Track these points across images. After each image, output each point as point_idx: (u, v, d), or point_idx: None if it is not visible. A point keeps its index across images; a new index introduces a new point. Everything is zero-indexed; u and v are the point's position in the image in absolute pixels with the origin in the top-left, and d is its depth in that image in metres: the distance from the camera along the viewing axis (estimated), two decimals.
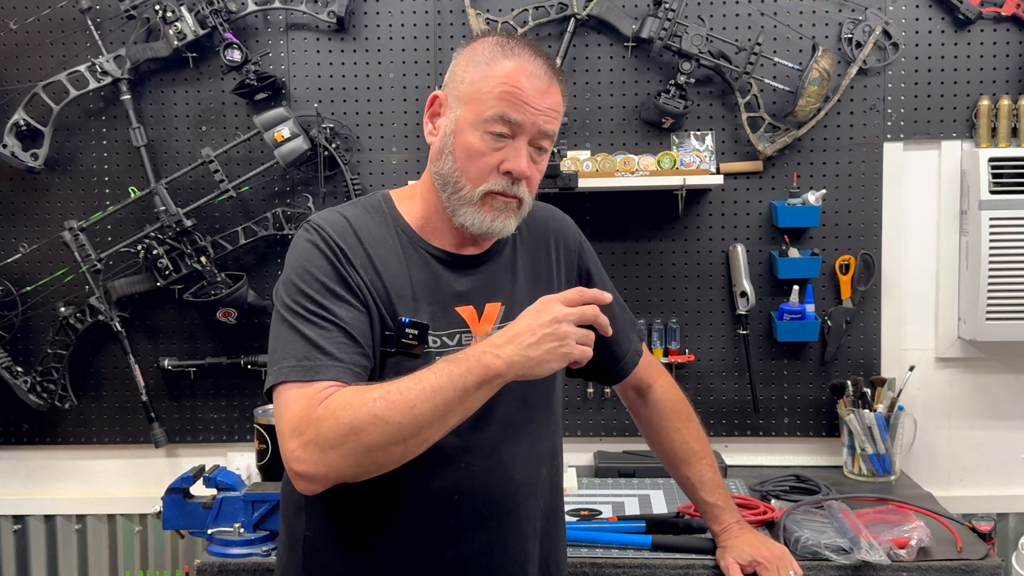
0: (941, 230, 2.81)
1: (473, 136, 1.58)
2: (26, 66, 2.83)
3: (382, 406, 1.42)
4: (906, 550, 2.05)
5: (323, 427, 1.43)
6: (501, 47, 1.61)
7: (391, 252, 1.62)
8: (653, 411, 2.01)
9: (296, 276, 1.57)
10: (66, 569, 3.00)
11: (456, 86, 1.62)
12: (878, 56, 2.74)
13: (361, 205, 1.68)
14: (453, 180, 1.60)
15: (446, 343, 1.62)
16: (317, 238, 1.59)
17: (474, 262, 1.68)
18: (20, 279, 2.84)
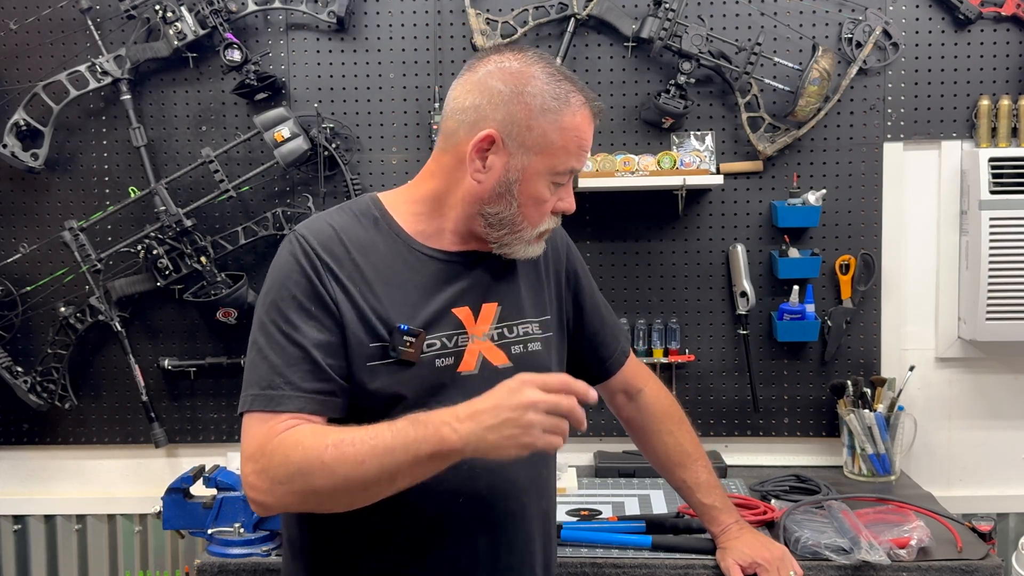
0: (941, 230, 2.81)
1: (541, 185, 1.60)
2: (26, 66, 2.83)
3: (332, 455, 1.42)
4: (906, 550, 2.05)
5: (274, 461, 1.46)
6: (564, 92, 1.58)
7: (382, 257, 1.60)
8: (645, 415, 2.01)
9: (273, 291, 1.57)
10: (66, 569, 3.00)
11: (521, 133, 1.57)
12: (878, 56, 2.74)
13: (349, 210, 1.66)
14: (512, 222, 1.61)
15: (445, 344, 1.61)
16: (299, 251, 1.57)
17: (469, 260, 1.66)
18: (20, 279, 2.84)
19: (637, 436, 2.04)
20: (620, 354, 1.97)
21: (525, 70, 1.58)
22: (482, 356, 1.63)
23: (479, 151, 1.58)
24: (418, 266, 1.62)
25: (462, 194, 1.61)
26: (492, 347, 1.65)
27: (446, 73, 2.80)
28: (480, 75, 1.61)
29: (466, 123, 1.59)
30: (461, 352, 1.62)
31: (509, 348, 1.67)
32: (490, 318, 1.66)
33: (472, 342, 1.63)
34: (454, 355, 1.61)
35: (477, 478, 1.60)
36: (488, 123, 1.57)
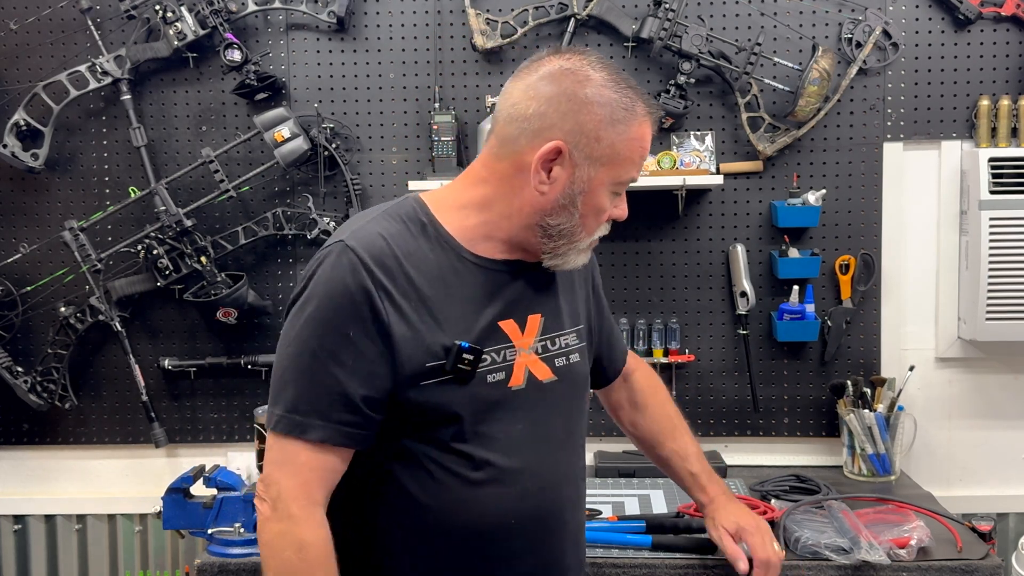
0: (941, 230, 2.81)
1: (604, 196, 1.56)
2: (26, 66, 2.83)
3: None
4: (906, 550, 2.05)
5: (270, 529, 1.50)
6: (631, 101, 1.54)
7: (433, 267, 1.53)
8: (637, 391, 2.02)
9: (314, 306, 1.49)
10: (66, 569, 3.00)
11: (588, 144, 1.51)
12: (878, 56, 2.74)
13: (396, 216, 1.57)
14: (570, 234, 1.57)
15: (495, 360, 1.56)
16: (349, 268, 1.48)
17: (514, 270, 1.61)
18: (20, 279, 2.84)
19: (626, 414, 2.03)
20: (622, 355, 1.99)
21: (591, 76, 1.52)
22: (528, 370, 1.60)
23: (545, 162, 1.52)
24: (467, 276, 1.56)
25: (520, 204, 1.55)
26: (537, 360, 1.61)
27: (446, 73, 2.80)
28: (542, 79, 1.53)
29: (529, 131, 1.52)
30: (511, 366, 1.57)
31: (553, 361, 1.64)
32: (535, 330, 1.62)
33: (519, 356, 1.59)
34: (504, 370, 1.56)
35: (529, 498, 1.58)
36: (554, 133, 1.51)
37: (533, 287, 1.63)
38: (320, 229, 2.75)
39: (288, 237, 2.83)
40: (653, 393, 2.03)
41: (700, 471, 1.99)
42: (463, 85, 2.80)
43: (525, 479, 1.57)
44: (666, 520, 2.23)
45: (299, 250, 2.85)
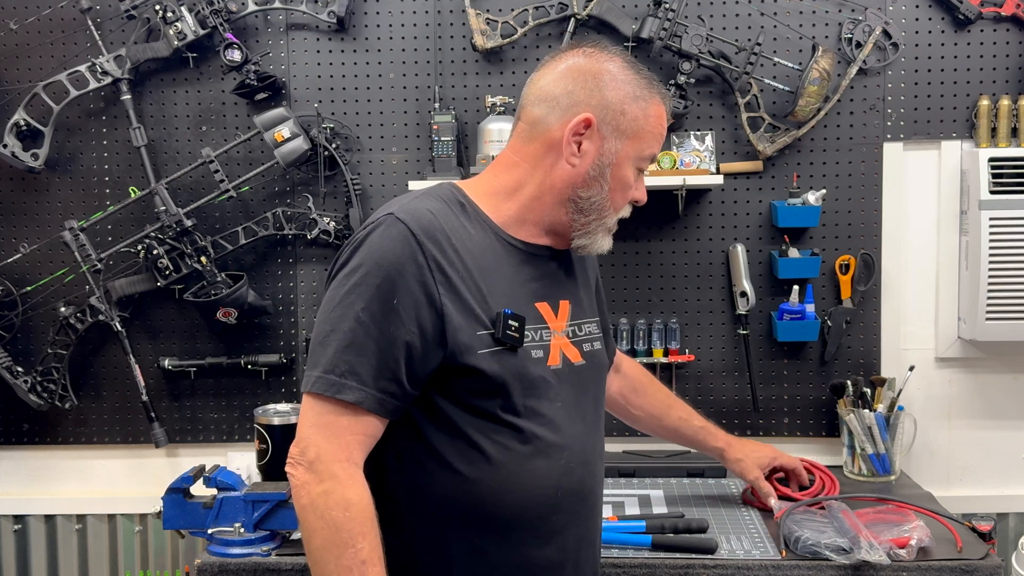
0: (941, 230, 2.81)
1: (629, 170, 1.64)
2: (26, 66, 2.83)
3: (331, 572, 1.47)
4: (906, 550, 2.05)
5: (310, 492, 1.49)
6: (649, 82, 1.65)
7: (476, 244, 1.58)
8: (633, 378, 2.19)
9: (361, 274, 1.51)
10: (66, 569, 3.01)
11: (616, 118, 1.61)
12: (878, 56, 2.75)
13: (437, 197, 1.62)
14: (600, 207, 1.63)
15: (532, 338, 1.60)
16: (400, 238, 1.51)
17: (546, 254, 1.68)
18: (20, 279, 2.85)
19: (626, 399, 2.17)
20: (613, 346, 2.05)
21: (613, 58, 1.64)
22: (562, 352, 1.65)
23: (575, 134, 1.60)
24: (505, 256, 1.62)
25: (552, 181, 1.62)
26: (568, 344, 1.67)
27: (446, 73, 2.81)
28: (567, 65, 1.63)
29: (558, 109, 1.60)
30: (548, 346, 1.62)
31: (581, 346, 1.70)
32: (566, 315, 1.68)
33: (554, 337, 1.64)
34: (542, 348, 1.62)
35: (571, 473, 1.63)
36: (583, 108, 1.59)
37: (563, 274, 1.71)
38: (320, 229, 2.76)
39: (288, 237, 2.84)
40: (647, 378, 2.22)
41: (706, 423, 2.24)
42: (463, 85, 2.81)
43: (567, 455, 1.62)
44: (666, 520, 2.24)
45: (299, 250, 2.86)
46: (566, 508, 1.63)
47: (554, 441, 1.60)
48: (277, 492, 2.23)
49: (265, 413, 2.50)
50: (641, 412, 2.16)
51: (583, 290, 1.77)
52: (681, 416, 2.20)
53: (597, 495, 1.73)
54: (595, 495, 1.72)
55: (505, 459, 1.56)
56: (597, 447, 1.73)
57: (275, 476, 2.43)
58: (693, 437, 2.20)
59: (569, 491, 1.62)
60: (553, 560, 1.63)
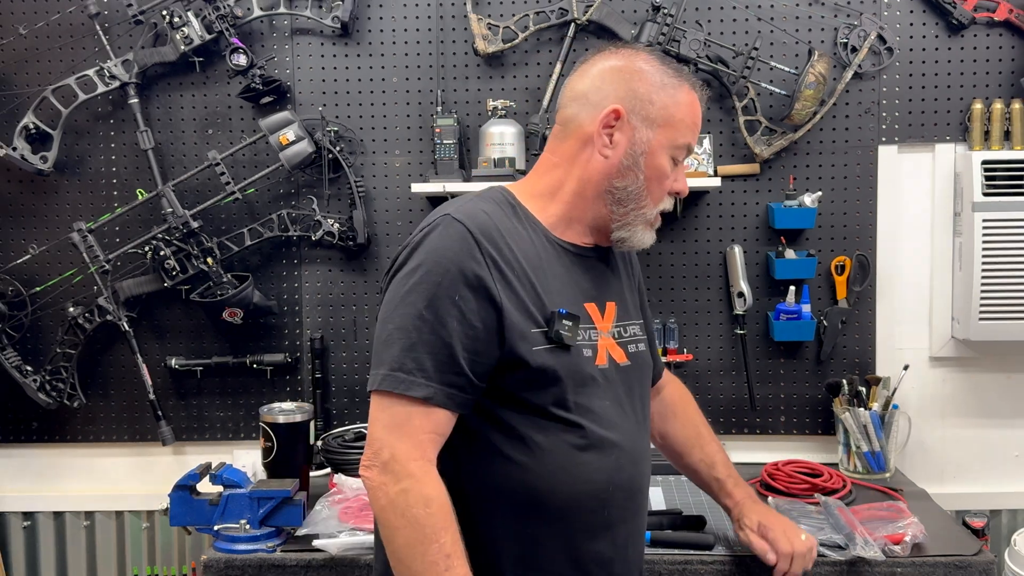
0: (935, 231, 2.84)
1: (663, 159, 1.65)
2: (35, 70, 2.86)
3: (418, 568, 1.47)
4: (900, 546, 2.08)
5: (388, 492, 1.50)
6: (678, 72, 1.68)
7: (529, 245, 1.62)
8: (668, 403, 2.08)
9: (423, 272, 1.54)
10: (74, 565, 3.03)
11: (644, 107, 1.64)
12: (873, 60, 2.78)
13: (489, 199, 1.66)
14: (637, 197, 1.65)
15: (583, 337, 1.63)
16: (458, 237, 1.55)
17: (592, 255, 1.71)
18: (30, 280, 2.87)
19: (658, 425, 2.08)
20: (660, 366, 2.04)
21: (640, 54, 1.68)
22: (609, 352, 1.67)
23: (606, 126, 1.64)
24: (556, 257, 1.65)
25: (588, 175, 1.66)
26: (615, 344, 1.69)
27: (448, 77, 2.84)
28: (598, 66, 1.68)
29: (588, 106, 1.65)
30: (595, 346, 1.65)
31: (626, 347, 1.72)
32: (612, 316, 1.71)
33: (601, 338, 1.67)
34: (591, 348, 1.64)
35: (622, 469, 1.64)
36: (611, 100, 1.64)
37: (608, 277, 1.74)
38: (324, 231, 2.79)
39: (293, 238, 2.86)
40: (683, 406, 2.10)
41: (726, 477, 2.05)
42: (465, 89, 2.84)
43: (618, 451, 1.64)
44: (664, 517, 2.26)
45: (304, 251, 2.89)
46: (617, 503, 1.64)
47: (605, 437, 1.61)
48: (282, 489, 2.24)
49: (270, 412, 2.53)
50: (664, 441, 2.11)
51: (628, 293, 1.80)
52: (702, 460, 2.05)
53: (645, 493, 1.74)
54: (643, 493, 1.73)
55: (557, 450, 1.58)
56: (645, 445, 1.75)
57: (280, 473, 2.45)
58: (707, 486, 2.07)
59: (620, 487, 1.64)
60: (604, 555, 1.64)
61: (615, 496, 1.64)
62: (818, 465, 2.56)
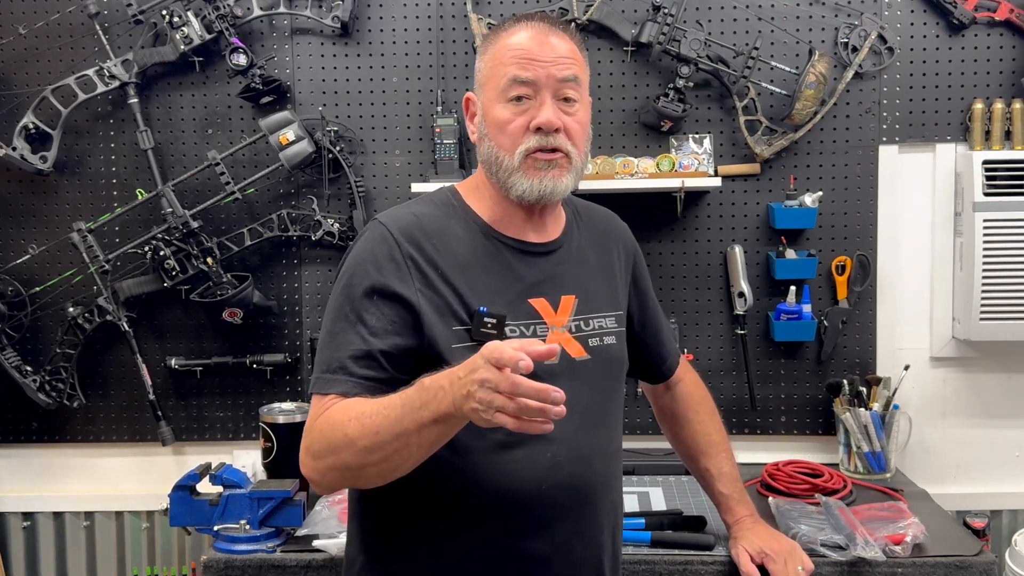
0: (936, 231, 2.84)
1: (498, 109, 1.64)
2: (35, 70, 2.86)
3: (354, 428, 1.45)
4: (901, 546, 2.08)
5: (314, 438, 1.52)
6: (503, 26, 1.69)
7: (461, 243, 1.64)
8: (680, 404, 2.06)
9: (346, 277, 1.61)
10: (74, 565, 3.03)
11: (476, 77, 1.70)
12: (874, 60, 2.78)
13: (430, 201, 1.72)
14: (494, 157, 1.65)
15: (523, 333, 1.63)
16: (378, 238, 1.61)
17: (544, 250, 1.70)
18: (29, 280, 2.87)
19: (668, 423, 2.09)
20: (675, 355, 2.03)
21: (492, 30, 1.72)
22: (561, 347, 1.65)
23: (469, 116, 1.72)
24: (496, 254, 1.66)
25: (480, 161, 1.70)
26: (571, 339, 1.68)
27: (448, 77, 2.84)
28: None
29: None
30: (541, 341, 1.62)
31: (586, 341, 1.70)
32: (568, 310, 1.69)
33: (551, 332, 1.65)
34: None
35: (560, 467, 1.62)
36: None
37: (567, 268, 1.72)
38: (324, 231, 2.79)
39: (293, 239, 2.86)
40: (695, 408, 2.06)
41: (730, 492, 2.04)
42: (465, 89, 2.84)
43: (555, 448, 1.62)
44: (665, 517, 2.26)
45: (303, 251, 2.89)
46: (554, 502, 1.62)
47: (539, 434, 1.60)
48: (282, 489, 2.25)
49: (270, 412, 2.53)
50: (673, 442, 2.10)
51: (603, 284, 1.78)
52: (708, 470, 2.03)
53: (598, 492, 1.70)
54: (594, 491, 1.69)
55: (481, 448, 1.58)
56: (598, 443, 1.70)
57: (280, 474, 2.46)
58: (711, 497, 2.07)
59: (557, 485, 1.62)
60: (540, 553, 1.62)
61: (551, 495, 1.62)
62: (819, 465, 2.57)
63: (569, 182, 1.65)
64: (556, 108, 1.62)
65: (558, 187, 1.63)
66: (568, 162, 1.64)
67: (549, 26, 1.65)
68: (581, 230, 1.80)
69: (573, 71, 1.64)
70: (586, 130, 1.69)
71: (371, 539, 1.69)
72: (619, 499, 1.80)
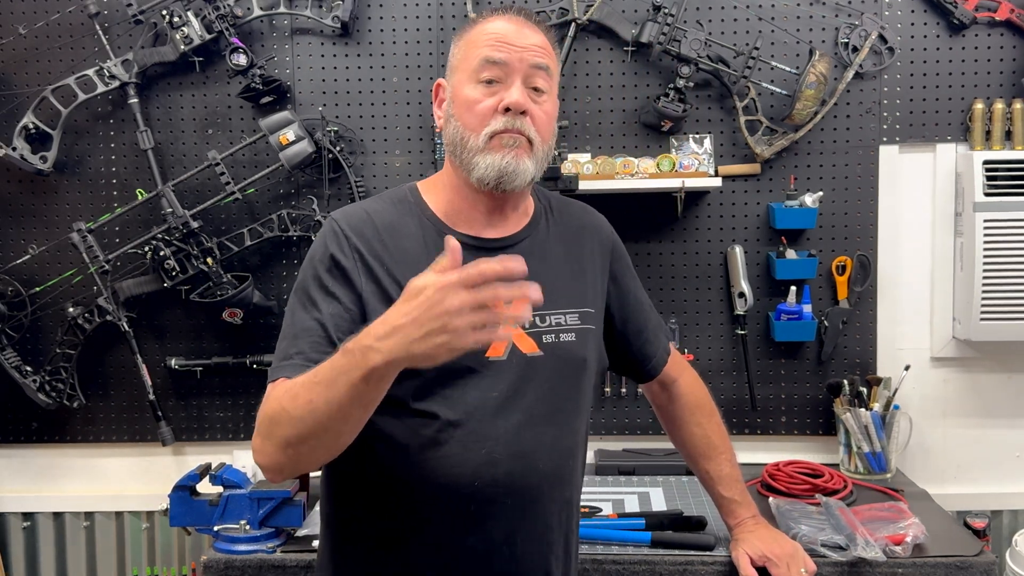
0: (936, 231, 2.84)
1: (467, 89, 1.65)
2: (35, 70, 2.86)
3: (289, 401, 1.45)
4: (902, 547, 2.08)
5: (259, 420, 1.51)
6: (480, 16, 1.70)
7: (414, 241, 1.65)
8: (677, 405, 2.04)
9: (304, 268, 1.66)
10: (74, 565, 3.03)
11: (449, 65, 1.72)
12: (874, 60, 2.78)
13: (387, 198, 1.74)
14: (460, 137, 1.65)
15: None
16: (328, 232, 1.66)
17: (499, 246, 1.68)
18: (29, 280, 2.87)
19: (667, 424, 2.08)
20: (663, 353, 2.01)
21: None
22: (512, 343, 1.64)
23: (438, 102, 1.73)
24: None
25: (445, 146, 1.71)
26: (522, 335, 1.66)
27: None
28: None
29: None
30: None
31: (540, 337, 1.68)
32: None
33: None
34: None
35: (497, 464, 1.61)
36: None
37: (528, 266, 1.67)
38: None
39: (293, 239, 2.86)
40: (692, 410, 2.04)
41: (731, 495, 2.03)
42: None
43: (491, 445, 1.60)
44: (665, 517, 2.26)
45: (303, 251, 2.88)
46: (488, 499, 1.61)
47: (474, 430, 1.59)
48: (282, 490, 2.25)
49: None
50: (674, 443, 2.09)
51: (568, 281, 1.75)
52: (709, 472, 2.02)
53: (542, 490, 1.66)
54: (537, 489, 1.65)
55: (413, 443, 1.59)
56: (543, 440, 1.66)
57: None
58: (712, 498, 2.07)
59: (492, 482, 1.60)
60: (476, 550, 1.62)
61: (486, 492, 1.60)
62: (819, 466, 2.57)
63: (530, 167, 1.64)
64: (525, 93, 1.64)
65: (519, 168, 1.63)
66: (530, 147, 1.64)
67: (525, 19, 1.68)
68: (550, 225, 1.79)
69: (546, 61, 1.66)
70: (552, 123, 1.69)
71: (329, 530, 1.73)
72: (572, 498, 1.77)
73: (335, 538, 1.72)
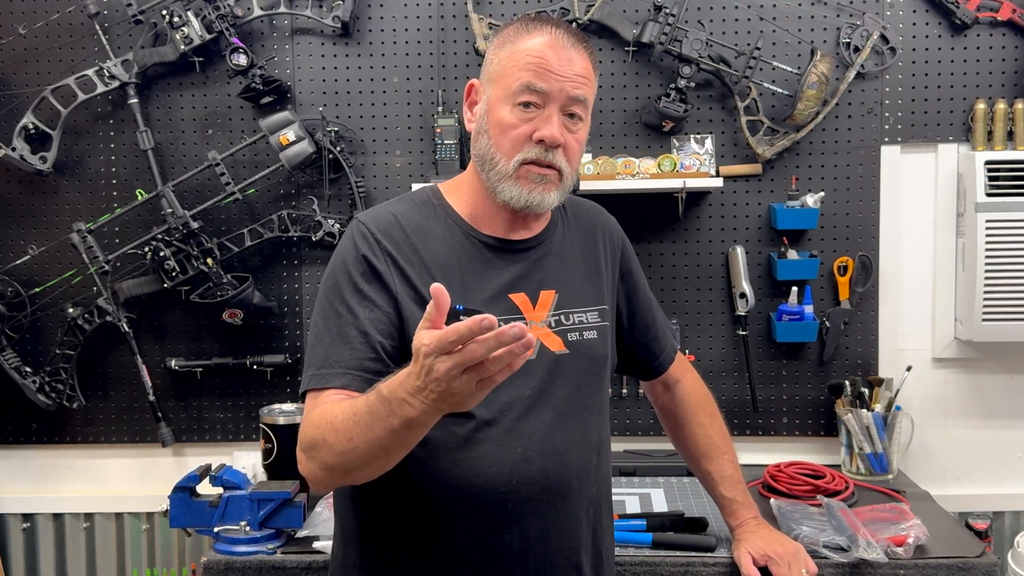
0: (938, 232, 2.84)
1: (504, 110, 1.63)
2: (35, 70, 2.86)
3: (329, 432, 1.44)
4: (903, 548, 2.08)
5: (303, 434, 1.52)
6: (525, 24, 1.66)
7: (440, 243, 1.65)
8: (679, 405, 2.05)
9: (332, 275, 1.63)
10: (74, 567, 3.03)
11: (487, 68, 1.68)
12: (875, 60, 2.77)
13: (410, 200, 1.72)
14: (490, 156, 1.64)
15: None
16: (359, 235, 1.64)
17: (524, 247, 1.70)
18: (29, 280, 2.87)
19: (669, 425, 2.09)
20: (670, 351, 2.01)
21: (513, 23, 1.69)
22: (539, 342, 1.66)
23: (469, 103, 1.71)
24: (474, 251, 1.66)
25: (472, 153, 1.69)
26: (549, 333, 1.68)
27: (449, 77, 2.83)
28: None
29: None
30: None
31: (566, 335, 1.70)
32: (548, 304, 1.69)
33: (530, 327, 1.63)
34: None
35: (531, 462, 1.62)
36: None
37: (548, 263, 1.72)
38: (325, 231, 2.79)
39: (293, 239, 2.86)
40: (694, 410, 2.04)
41: (732, 496, 2.03)
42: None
43: (528, 443, 1.62)
44: (666, 518, 2.26)
45: (304, 252, 2.88)
46: (524, 497, 1.62)
47: (509, 428, 1.60)
48: (282, 491, 2.24)
49: (270, 413, 2.53)
50: (675, 444, 2.09)
51: (586, 280, 1.77)
52: (710, 472, 2.02)
53: (572, 487, 1.68)
54: (567, 486, 1.67)
55: (448, 443, 1.59)
56: (572, 438, 1.68)
57: (280, 475, 2.45)
58: (714, 500, 2.07)
59: (527, 480, 1.61)
60: (512, 548, 1.62)
61: (521, 490, 1.62)
62: (820, 466, 2.56)
63: (556, 198, 1.66)
64: (561, 124, 1.62)
65: (545, 201, 1.64)
66: (559, 179, 1.65)
67: (571, 38, 1.64)
68: (566, 225, 1.80)
69: (585, 92, 1.64)
70: (582, 148, 1.70)
71: (352, 534, 1.71)
72: (602, 492, 1.77)
73: (361, 540, 1.69)
